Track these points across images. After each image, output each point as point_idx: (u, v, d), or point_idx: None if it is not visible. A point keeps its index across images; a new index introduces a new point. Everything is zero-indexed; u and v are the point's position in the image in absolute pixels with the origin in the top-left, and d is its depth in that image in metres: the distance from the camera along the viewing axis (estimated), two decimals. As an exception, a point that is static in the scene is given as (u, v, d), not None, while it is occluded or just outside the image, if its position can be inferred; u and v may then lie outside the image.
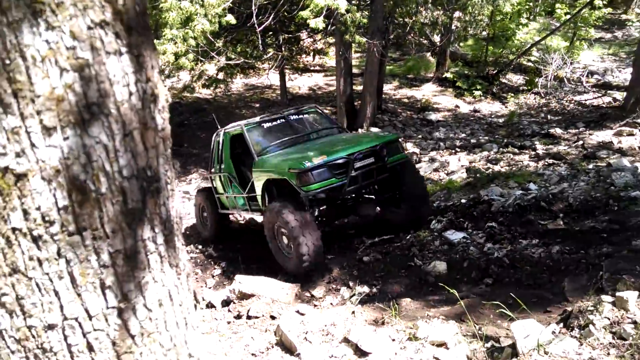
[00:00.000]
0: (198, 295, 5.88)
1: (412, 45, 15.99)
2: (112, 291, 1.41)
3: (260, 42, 10.62)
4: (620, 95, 12.42)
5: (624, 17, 21.52)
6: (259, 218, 7.53)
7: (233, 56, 11.26)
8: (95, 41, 1.27)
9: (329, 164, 5.80)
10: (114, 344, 1.45)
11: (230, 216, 8.73)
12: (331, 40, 14.96)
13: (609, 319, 3.08)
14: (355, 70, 14.26)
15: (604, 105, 12.33)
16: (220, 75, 12.71)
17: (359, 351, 3.75)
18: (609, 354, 2.73)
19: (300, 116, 7.45)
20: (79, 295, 1.38)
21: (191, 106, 15.08)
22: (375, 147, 6.18)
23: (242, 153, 7.44)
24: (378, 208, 6.83)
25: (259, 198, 6.65)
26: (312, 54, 17.48)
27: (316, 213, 6.32)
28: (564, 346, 2.92)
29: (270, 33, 12.25)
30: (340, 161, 5.88)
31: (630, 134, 9.32)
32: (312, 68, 18.73)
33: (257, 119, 7.36)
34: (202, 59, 10.50)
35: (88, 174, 1.31)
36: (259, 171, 6.46)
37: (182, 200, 10.16)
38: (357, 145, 6.15)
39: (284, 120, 7.25)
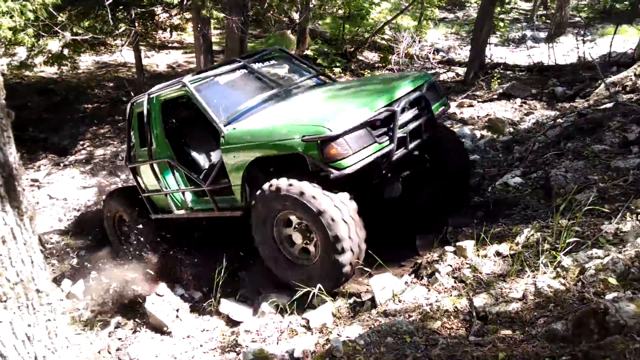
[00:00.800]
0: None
1: (271, 23, 16.02)
2: None
3: (110, 16, 9.88)
4: (461, 71, 13.64)
5: (464, -2, 23.54)
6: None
7: (80, 31, 10.38)
8: None
9: (367, 121, 3.94)
10: None
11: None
12: (188, 15, 14.42)
13: (451, 266, 3.47)
14: (215, 47, 13.91)
15: (449, 80, 13.47)
16: (66, 52, 11.65)
17: (230, 322, 3.82)
18: (451, 295, 3.09)
19: (267, 62, 5.53)
20: None
21: (34, 86, 13.70)
22: (419, 89, 4.46)
23: (184, 126, 5.34)
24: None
25: (236, 190, 4.51)
26: (168, 30, 16.72)
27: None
28: (415, 293, 3.25)
29: (121, 7, 11.46)
30: (381, 115, 4.01)
31: (470, 105, 10.32)
32: (169, 45, 17.94)
33: (207, 72, 5.22)
34: (43, 34, 9.55)
35: None
36: (235, 148, 4.33)
37: (30, 190, 9.27)
38: (394, 90, 4.33)
39: (245, 70, 5.20)
